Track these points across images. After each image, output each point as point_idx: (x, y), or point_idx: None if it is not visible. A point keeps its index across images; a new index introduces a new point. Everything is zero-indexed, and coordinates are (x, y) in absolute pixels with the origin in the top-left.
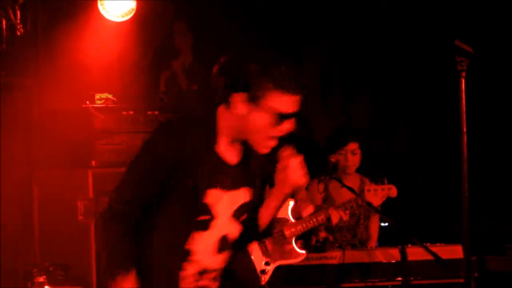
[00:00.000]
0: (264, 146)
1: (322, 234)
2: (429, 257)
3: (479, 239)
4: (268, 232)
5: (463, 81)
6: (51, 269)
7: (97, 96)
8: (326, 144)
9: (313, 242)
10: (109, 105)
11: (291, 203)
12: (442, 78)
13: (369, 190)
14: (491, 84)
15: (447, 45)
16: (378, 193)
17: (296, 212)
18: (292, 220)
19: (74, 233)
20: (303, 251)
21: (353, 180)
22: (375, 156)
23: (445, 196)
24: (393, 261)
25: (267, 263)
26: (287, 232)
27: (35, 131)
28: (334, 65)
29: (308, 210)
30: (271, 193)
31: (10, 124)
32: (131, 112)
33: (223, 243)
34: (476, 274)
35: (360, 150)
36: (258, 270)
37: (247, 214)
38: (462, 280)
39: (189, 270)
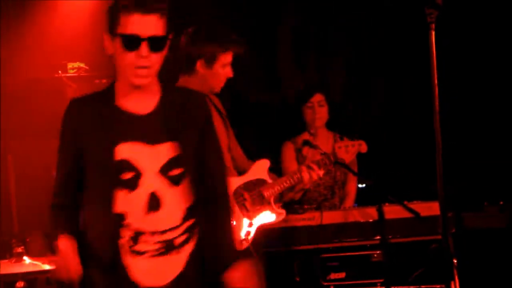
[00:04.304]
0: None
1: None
2: (407, 215)
3: (456, 197)
4: None
5: (433, 33)
6: (27, 240)
7: (70, 65)
8: (295, 100)
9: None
10: (82, 74)
11: (267, 164)
12: (414, 31)
13: (339, 147)
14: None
15: None
16: (349, 149)
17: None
18: (269, 180)
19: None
20: (283, 210)
21: (326, 137)
22: (350, 115)
23: (421, 154)
24: (371, 220)
25: (249, 225)
26: (265, 193)
27: (8, 102)
28: (308, 23)
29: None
30: None
31: None
32: (104, 81)
33: (153, 201)
34: (454, 230)
35: (327, 103)
36: (241, 232)
37: (180, 169)
38: (440, 237)
39: (126, 236)
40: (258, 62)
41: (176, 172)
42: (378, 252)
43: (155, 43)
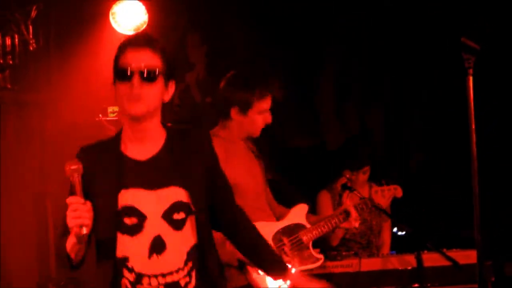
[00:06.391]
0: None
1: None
2: (445, 262)
3: (497, 245)
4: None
5: (471, 78)
6: (62, 283)
7: (110, 109)
8: (340, 161)
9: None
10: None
11: (306, 209)
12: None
13: (376, 192)
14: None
15: (453, 43)
16: (385, 194)
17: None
18: (307, 225)
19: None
20: (321, 256)
21: (362, 187)
22: (388, 163)
23: (461, 201)
24: (409, 268)
25: None
26: (304, 238)
27: (49, 145)
28: (349, 73)
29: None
30: None
31: (24, 139)
32: None
33: (158, 245)
34: (493, 279)
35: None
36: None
37: (181, 213)
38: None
39: (129, 278)
40: (297, 108)
41: (178, 217)
42: None
43: (146, 75)
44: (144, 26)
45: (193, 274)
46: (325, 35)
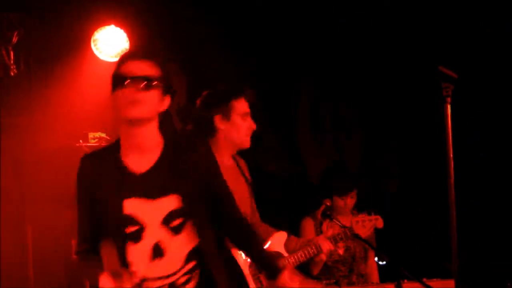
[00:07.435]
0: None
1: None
2: None
3: (477, 275)
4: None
5: (448, 106)
6: None
7: (91, 135)
8: (328, 187)
9: None
10: (103, 144)
11: (285, 236)
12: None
13: (357, 222)
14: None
15: (431, 72)
16: (366, 224)
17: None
18: (285, 254)
19: (69, 272)
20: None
21: (347, 215)
22: (368, 192)
23: (442, 231)
24: None
25: None
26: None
27: (28, 171)
28: (325, 101)
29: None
30: None
31: (3, 164)
32: None
33: (157, 251)
34: None
35: (356, 194)
36: None
37: (181, 219)
38: None
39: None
40: (277, 136)
41: (176, 222)
42: None
43: (144, 82)
44: None
45: (196, 274)
46: (303, 64)
